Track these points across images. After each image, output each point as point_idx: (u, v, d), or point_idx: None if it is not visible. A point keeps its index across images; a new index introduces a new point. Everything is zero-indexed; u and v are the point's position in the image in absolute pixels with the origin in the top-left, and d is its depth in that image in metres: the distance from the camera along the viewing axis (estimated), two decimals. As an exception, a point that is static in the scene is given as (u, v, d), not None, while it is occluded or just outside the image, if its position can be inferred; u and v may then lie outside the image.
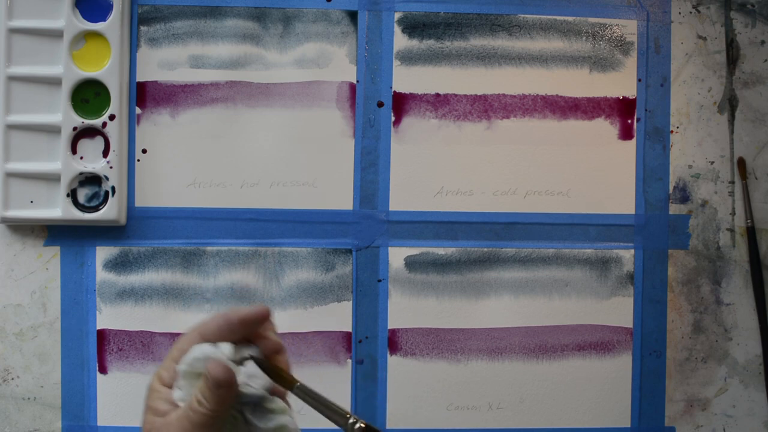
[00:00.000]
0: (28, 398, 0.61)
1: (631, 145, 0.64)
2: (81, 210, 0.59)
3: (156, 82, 0.61)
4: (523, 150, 0.63)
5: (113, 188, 0.59)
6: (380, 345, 0.62)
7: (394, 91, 0.62)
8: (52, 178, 0.59)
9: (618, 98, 0.63)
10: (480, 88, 0.63)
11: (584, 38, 0.63)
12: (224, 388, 0.35)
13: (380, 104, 0.62)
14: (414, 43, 0.62)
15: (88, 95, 0.59)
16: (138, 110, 0.61)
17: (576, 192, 0.63)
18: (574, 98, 0.63)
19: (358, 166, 0.62)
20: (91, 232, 0.61)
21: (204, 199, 0.61)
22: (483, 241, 0.63)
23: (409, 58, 0.62)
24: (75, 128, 0.59)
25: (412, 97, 0.63)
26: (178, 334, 0.61)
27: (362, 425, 0.38)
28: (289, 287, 0.62)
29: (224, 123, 0.62)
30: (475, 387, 0.62)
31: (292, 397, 0.38)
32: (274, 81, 0.62)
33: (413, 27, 0.62)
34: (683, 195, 0.64)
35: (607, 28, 0.63)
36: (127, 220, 0.61)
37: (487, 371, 0.62)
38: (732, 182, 0.64)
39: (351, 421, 0.38)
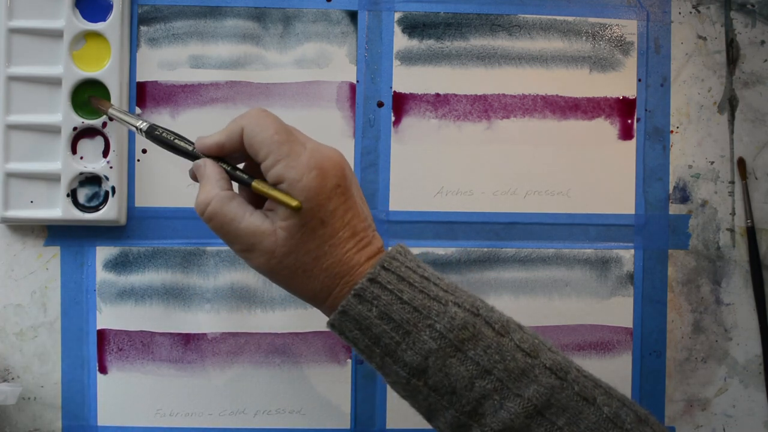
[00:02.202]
0: (28, 398, 0.61)
1: (631, 145, 0.64)
2: (81, 210, 0.59)
3: (156, 82, 0.61)
4: (523, 150, 0.63)
5: (113, 188, 0.59)
6: (380, 345, 0.62)
7: (394, 91, 0.62)
8: (52, 178, 0.59)
9: (618, 98, 0.63)
10: (480, 88, 0.63)
11: (584, 38, 0.63)
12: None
13: (380, 104, 0.62)
14: (414, 43, 0.62)
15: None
16: (138, 110, 0.61)
17: (576, 192, 0.63)
18: (574, 98, 0.63)
19: (358, 166, 0.62)
20: (91, 232, 0.61)
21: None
22: (483, 241, 0.63)
23: (409, 58, 0.62)
24: (75, 128, 0.59)
25: (412, 97, 0.63)
26: (178, 334, 0.61)
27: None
28: (289, 287, 0.62)
29: (224, 123, 0.61)
30: (475, 387, 0.62)
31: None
32: (274, 81, 0.62)
33: (413, 27, 0.62)
34: (683, 195, 0.64)
35: (607, 28, 0.63)
36: (127, 220, 0.61)
37: (487, 371, 0.62)
38: (732, 182, 0.64)
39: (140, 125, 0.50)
